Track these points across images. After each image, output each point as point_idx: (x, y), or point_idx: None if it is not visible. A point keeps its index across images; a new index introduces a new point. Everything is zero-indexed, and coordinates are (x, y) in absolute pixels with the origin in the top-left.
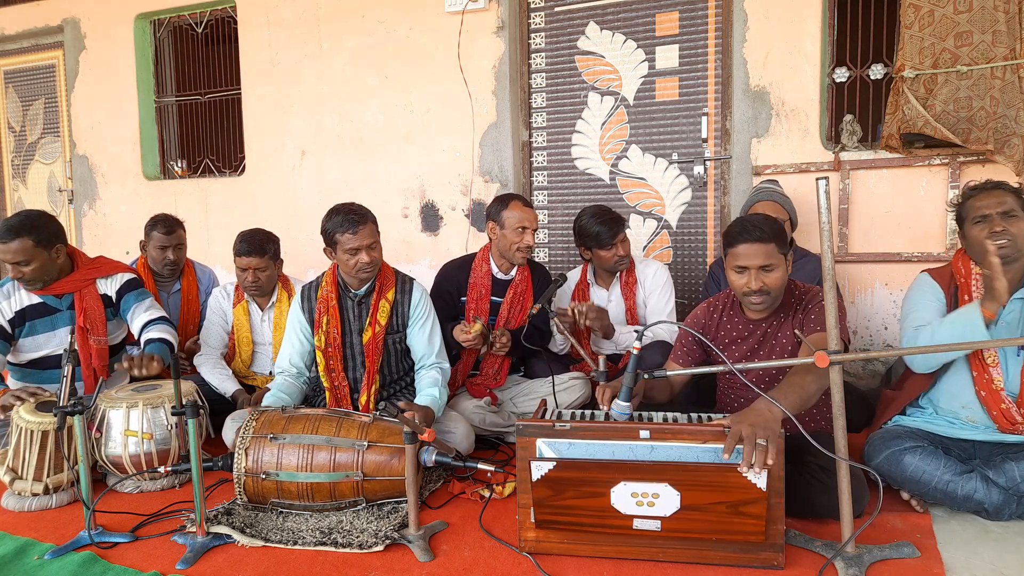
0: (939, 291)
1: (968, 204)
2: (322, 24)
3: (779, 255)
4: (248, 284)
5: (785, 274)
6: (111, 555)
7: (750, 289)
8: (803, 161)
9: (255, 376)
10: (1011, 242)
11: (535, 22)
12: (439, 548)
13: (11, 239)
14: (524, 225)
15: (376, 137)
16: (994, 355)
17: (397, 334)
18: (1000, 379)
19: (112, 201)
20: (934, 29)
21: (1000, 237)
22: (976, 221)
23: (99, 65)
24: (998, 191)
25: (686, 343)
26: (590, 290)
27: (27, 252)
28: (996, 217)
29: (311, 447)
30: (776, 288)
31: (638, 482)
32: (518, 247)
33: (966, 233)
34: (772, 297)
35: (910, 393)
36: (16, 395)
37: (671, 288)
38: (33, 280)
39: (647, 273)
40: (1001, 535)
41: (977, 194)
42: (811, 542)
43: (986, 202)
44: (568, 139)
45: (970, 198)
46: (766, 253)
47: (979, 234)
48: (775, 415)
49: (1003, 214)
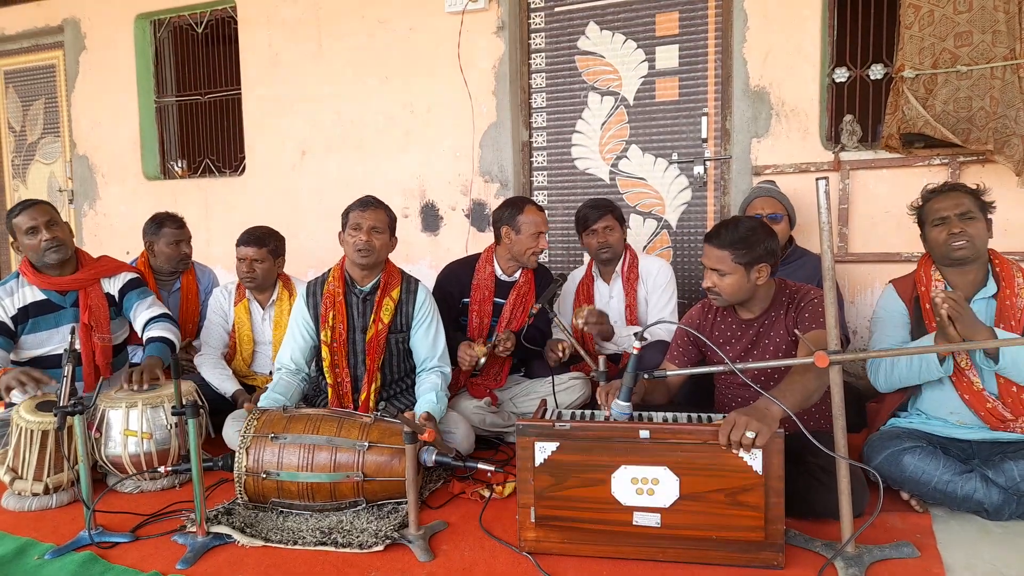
0: (901, 305)
1: (927, 207)
2: (322, 24)
3: (733, 264)
4: (243, 274)
5: (740, 282)
6: (111, 555)
7: (704, 286)
8: (803, 161)
9: (255, 375)
10: (969, 243)
11: (535, 22)
12: (439, 548)
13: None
14: (540, 230)
15: (376, 137)
16: (967, 359)
17: (400, 334)
18: (978, 380)
19: (112, 201)
20: (934, 29)
21: (958, 239)
22: (935, 223)
23: (99, 65)
24: (955, 193)
25: (682, 343)
26: (594, 284)
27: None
28: (954, 219)
29: (312, 447)
30: (727, 292)
31: (638, 466)
32: (533, 251)
33: (926, 235)
34: (725, 299)
35: (890, 403)
36: (17, 377)
37: (673, 287)
38: (63, 245)
39: (650, 270)
40: (1001, 535)
41: (935, 196)
42: (811, 542)
43: (944, 204)
44: (568, 139)
45: (929, 200)
46: (718, 258)
47: (938, 235)
48: (774, 414)
49: (961, 215)
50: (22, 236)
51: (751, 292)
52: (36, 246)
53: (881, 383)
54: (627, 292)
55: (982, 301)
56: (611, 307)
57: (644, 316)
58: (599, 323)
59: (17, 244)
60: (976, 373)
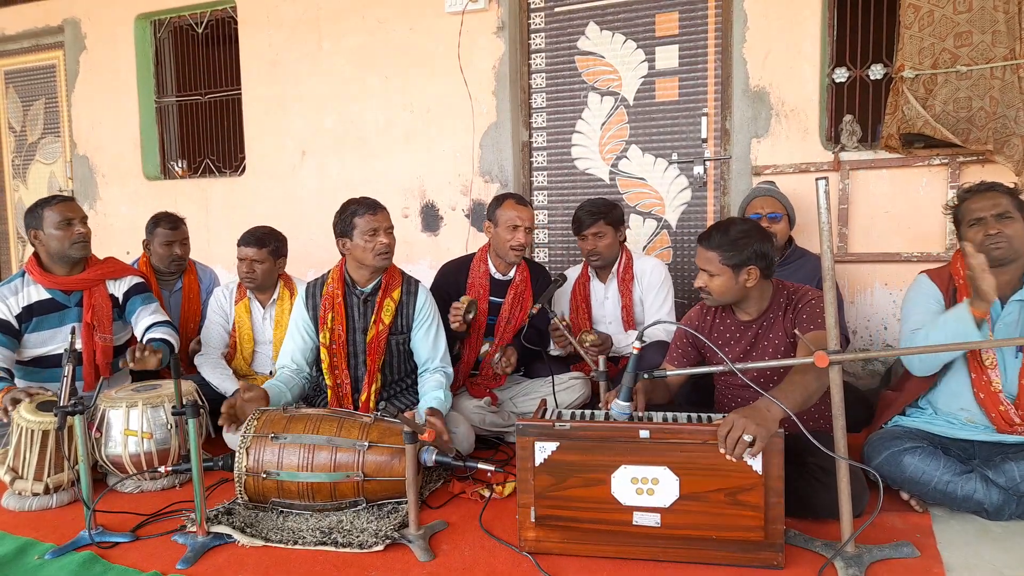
0: (937, 292)
1: (964, 207)
2: (322, 24)
3: (720, 265)
4: (243, 274)
5: (728, 283)
6: (111, 555)
7: (696, 285)
8: (803, 161)
9: (256, 375)
10: (1007, 244)
11: (535, 22)
12: (439, 548)
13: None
14: (516, 223)
15: (376, 137)
16: (992, 357)
17: (401, 335)
18: (998, 381)
19: (113, 201)
20: (934, 29)
21: (995, 239)
22: (971, 224)
23: (99, 65)
24: (992, 193)
25: (681, 344)
26: (590, 284)
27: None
28: (991, 220)
29: (312, 447)
30: (716, 293)
31: (638, 465)
32: (511, 244)
33: (963, 235)
34: (715, 299)
35: (910, 394)
36: (16, 397)
37: (669, 287)
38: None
39: (644, 269)
40: (1001, 535)
41: (972, 196)
42: (811, 542)
43: (981, 204)
44: (568, 139)
45: (965, 200)
46: (707, 259)
47: (975, 236)
48: (774, 415)
49: (998, 216)
50: (51, 227)
51: (741, 293)
52: (65, 238)
53: (916, 364)
54: (623, 293)
55: (1016, 303)
56: (606, 308)
57: (640, 317)
58: (602, 349)
59: (36, 235)
60: (998, 373)
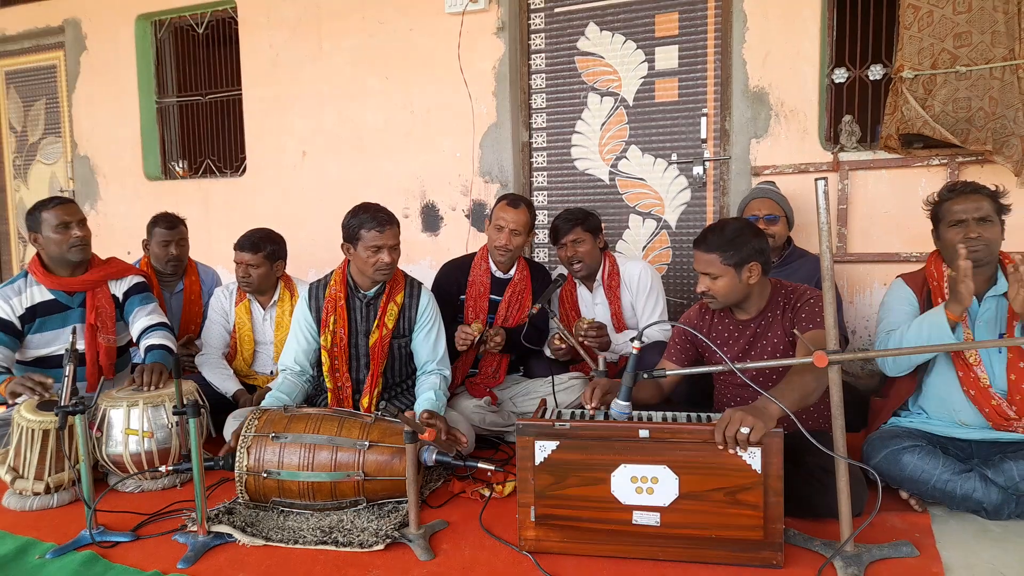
0: (912, 296)
1: (945, 206)
2: (322, 24)
3: (722, 266)
4: (239, 278)
5: (732, 283)
6: (112, 554)
7: (699, 291)
8: (802, 162)
9: (256, 375)
10: (985, 248)
11: (535, 23)
12: (439, 547)
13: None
14: (500, 224)
15: (376, 137)
16: (976, 354)
17: (403, 338)
18: (986, 377)
19: (113, 201)
20: (933, 30)
21: (974, 243)
22: (952, 224)
23: (100, 66)
24: (976, 195)
25: (680, 342)
26: (576, 291)
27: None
28: (972, 223)
29: (313, 446)
30: (721, 295)
31: (638, 464)
32: (494, 244)
33: (940, 234)
34: (720, 301)
35: (897, 398)
36: (23, 383)
37: (659, 289)
38: (87, 246)
39: (632, 274)
40: (1000, 534)
41: (955, 197)
42: (810, 541)
43: (964, 206)
44: (568, 140)
45: (947, 200)
46: (707, 262)
47: (954, 237)
48: (772, 413)
49: (979, 220)
50: (49, 230)
51: (745, 292)
52: (63, 241)
53: (890, 364)
54: (611, 300)
55: (992, 299)
56: (596, 314)
57: (632, 321)
58: (599, 336)
59: (36, 238)
60: (984, 370)
